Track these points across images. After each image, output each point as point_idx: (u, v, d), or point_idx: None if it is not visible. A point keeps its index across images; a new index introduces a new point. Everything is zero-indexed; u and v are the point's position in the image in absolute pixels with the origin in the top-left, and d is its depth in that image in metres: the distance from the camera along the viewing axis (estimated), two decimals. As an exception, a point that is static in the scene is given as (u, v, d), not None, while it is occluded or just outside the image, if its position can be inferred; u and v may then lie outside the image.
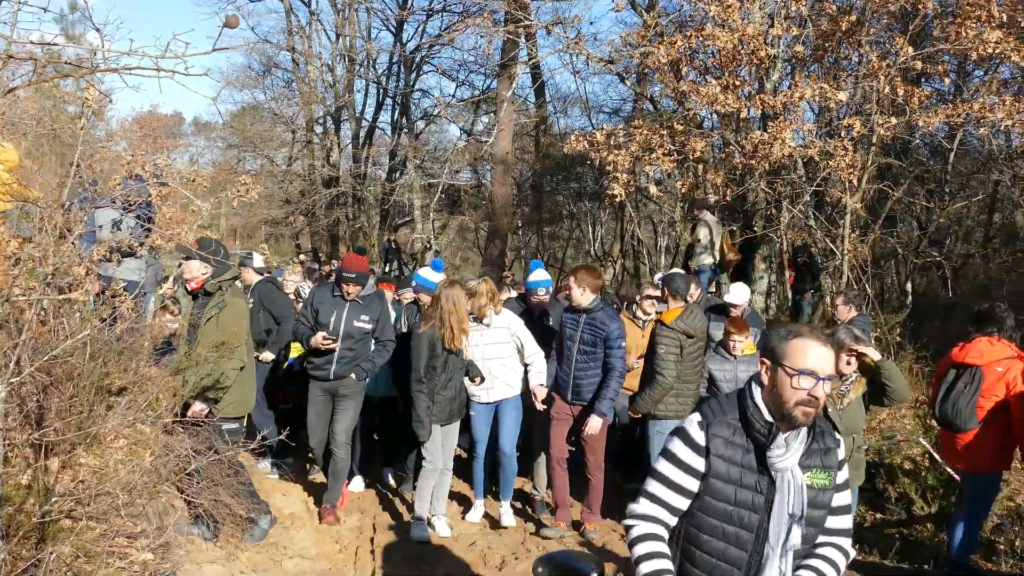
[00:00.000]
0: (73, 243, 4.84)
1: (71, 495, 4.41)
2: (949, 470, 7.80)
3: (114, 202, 7.26)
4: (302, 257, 25.92)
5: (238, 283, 7.11)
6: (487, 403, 7.74)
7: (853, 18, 11.58)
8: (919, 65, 11.37)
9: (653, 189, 13.85)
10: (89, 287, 5.39)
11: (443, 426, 7.35)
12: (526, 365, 7.82)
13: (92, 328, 4.89)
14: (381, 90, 30.36)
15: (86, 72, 3.96)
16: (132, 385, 5.62)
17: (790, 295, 13.56)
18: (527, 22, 15.30)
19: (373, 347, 7.93)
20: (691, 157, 12.43)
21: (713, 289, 12.97)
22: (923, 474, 8.37)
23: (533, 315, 8.51)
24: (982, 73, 14.55)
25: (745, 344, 7.58)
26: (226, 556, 6.17)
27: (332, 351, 7.60)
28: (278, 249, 33.05)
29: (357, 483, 8.85)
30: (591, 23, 38.13)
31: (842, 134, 11.51)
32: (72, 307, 5.60)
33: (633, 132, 12.58)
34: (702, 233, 13.14)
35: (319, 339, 7.55)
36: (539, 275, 8.76)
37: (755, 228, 13.37)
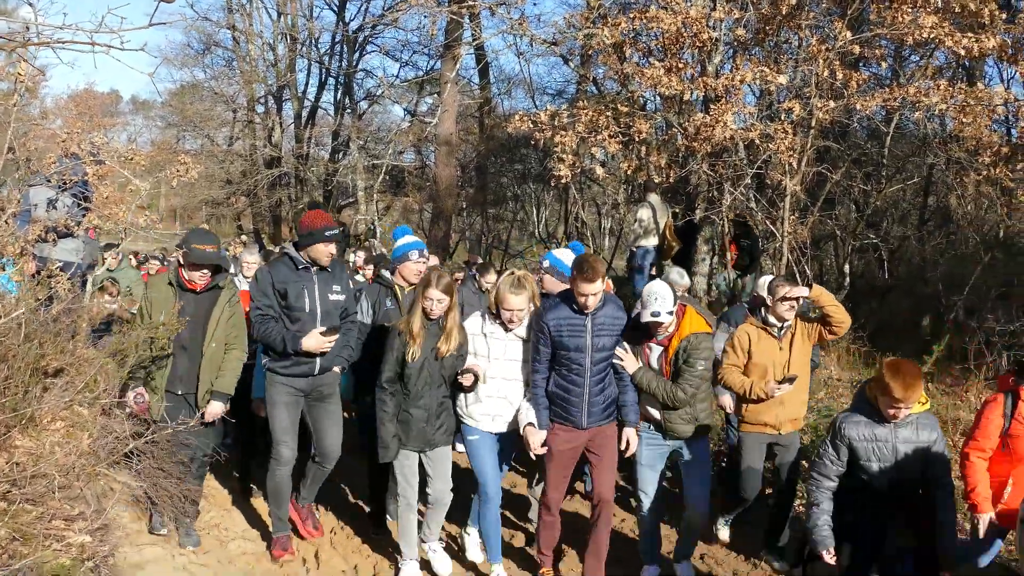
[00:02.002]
0: (7, 222, 4.75)
1: (6, 477, 4.34)
2: None
3: (49, 181, 7.11)
4: (243, 238, 25.64)
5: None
6: (490, 432, 6.12)
7: (793, 2, 11.71)
8: (857, 49, 11.55)
9: (599, 171, 13.92)
10: (24, 267, 5.29)
11: (422, 452, 6.05)
12: None
13: (29, 308, 4.80)
14: (324, 70, 30.08)
15: (17, 46, 3.87)
16: (69, 366, 5.53)
17: (732, 275, 13.73)
18: (471, 2, 15.25)
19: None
20: (636, 139, 12.50)
21: (653, 273, 13.06)
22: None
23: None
24: (918, 58, 14.83)
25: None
26: (165, 539, 6.12)
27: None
28: (219, 230, 32.64)
29: None
30: (535, 4, 38.22)
31: (782, 117, 11.67)
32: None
33: (578, 113, 12.61)
34: (644, 214, 13.23)
35: (319, 339, 6.18)
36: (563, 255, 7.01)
37: (697, 210, 13.50)
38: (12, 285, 5.70)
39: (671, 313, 5.78)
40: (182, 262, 6.08)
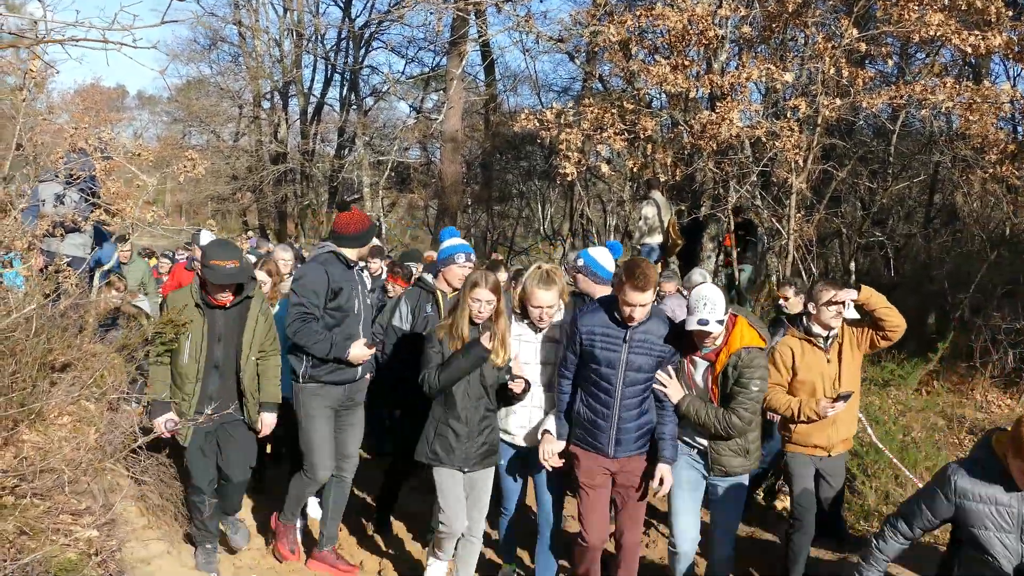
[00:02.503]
0: (15, 218, 4.77)
1: (14, 472, 4.36)
2: None
3: (57, 176, 7.13)
4: (249, 233, 25.67)
5: None
6: (521, 447, 5.65)
7: (799, 0, 11.69)
8: (863, 47, 11.53)
9: (605, 168, 13.92)
10: (32, 262, 5.31)
11: (466, 473, 5.43)
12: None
13: (37, 303, 4.81)
14: (329, 66, 30.14)
15: (31, 43, 3.89)
16: (76, 361, 5.55)
17: (736, 269, 13.72)
18: (477, -1, 15.23)
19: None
20: (641, 136, 12.50)
21: (659, 269, 13.05)
22: (864, 451, 8.43)
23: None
24: (924, 56, 14.79)
25: None
26: (169, 534, 6.13)
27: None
28: (225, 226, 32.69)
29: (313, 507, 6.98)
30: (541, 1, 38.10)
31: (788, 115, 11.66)
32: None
33: (584, 110, 12.61)
34: (649, 211, 13.22)
35: (364, 349, 5.81)
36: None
37: (702, 208, 13.49)
38: (20, 280, 5.71)
39: (721, 323, 5.01)
40: (203, 278, 5.44)
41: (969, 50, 11.02)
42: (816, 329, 5.96)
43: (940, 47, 13.13)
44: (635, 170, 14.17)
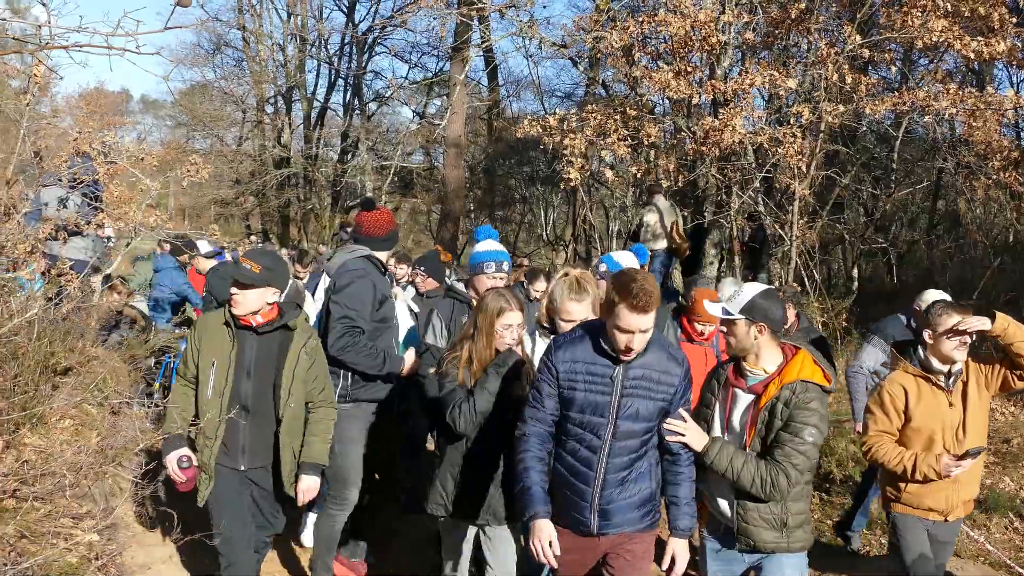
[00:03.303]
0: (18, 221, 4.77)
1: (15, 475, 4.36)
2: None
3: (61, 180, 7.14)
4: (252, 238, 25.69)
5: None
6: None
7: (803, 6, 11.70)
8: (866, 53, 11.55)
9: (609, 174, 13.93)
10: (36, 266, 5.31)
11: (481, 529, 4.49)
12: None
13: (39, 307, 4.82)
14: (333, 71, 30.15)
15: (36, 49, 3.89)
16: (78, 365, 5.56)
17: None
18: (480, 4, 15.25)
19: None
20: (645, 142, 12.50)
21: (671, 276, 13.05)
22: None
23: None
24: (927, 62, 14.80)
25: None
26: (173, 538, 6.12)
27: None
28: (227, 230, 32.70)
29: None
30: (544, 7, 38.09)
31: (791, 121, 11.66)
32: (17, 285, 5.51)
33: (587, 116, 12.62)
34: (651, 218, 13.20)
35: (415, 359, 5.36)
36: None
37: (706, 214, 13.49)
38: (39, 284, 5.70)
39: (729, 313, 4.02)
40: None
41: (972, 56, 11.03)
42: (935, 364, 4.78)
43: (943, 53, 13.15)
44: (638, 176, 14.17)
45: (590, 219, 21.05)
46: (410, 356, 5.30)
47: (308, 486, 4.74)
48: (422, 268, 7.56)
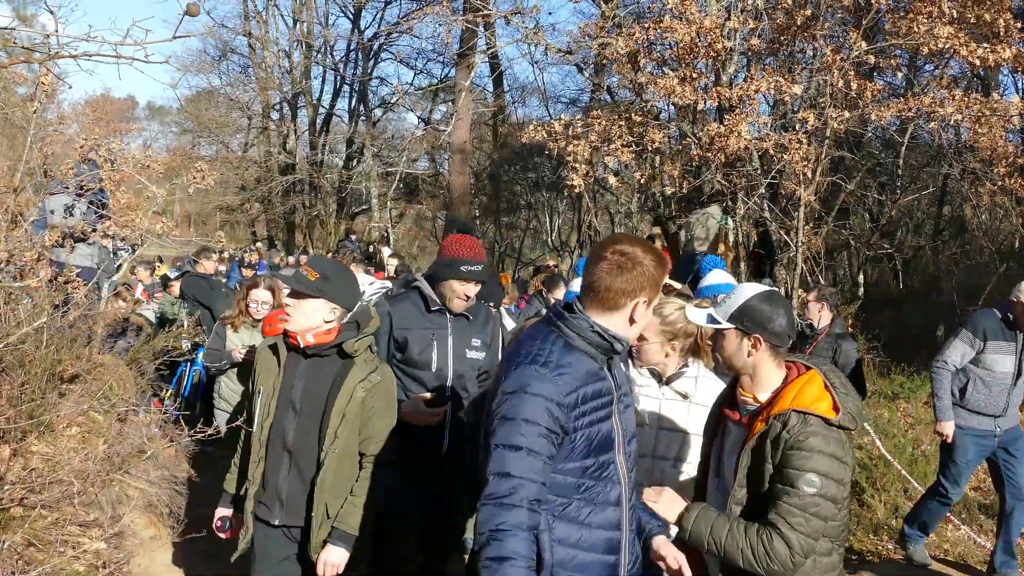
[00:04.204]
0: (26, 229, 4.78)
1: (23, 483, 4.36)
2: None
3: (67, 188, 7.16)
4: (258, 244, 25.74)
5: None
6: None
7: (808, 12, 11.69)
8: (872, 59, 11.53)
9: (613, 180, 13.93)
10: (43, 274, 5.32)
11: None
12: None
13: (48, 316, 4.82)
14: (338, 77, 30.21)
15: (46, 59, 3.91)
16: (85, 372, 5.57)
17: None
18: (486, 11, 15.27)
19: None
20: (649, 148, 12.49)
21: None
22: (873, 464, 8.47)
23: None
24: (933, 68, 14.80)
25: None
26: (180, 545, 6.13)
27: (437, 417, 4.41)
28: (233, 236, 32.79)
29: None
30: (550, 13, 38.35)
31: (796, 127, 11.64)
32: (24, 293, 5.52)
33: (592, 122, 12.62)
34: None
35: (420, 407, 4.40)
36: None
37: (703, 207, 13.47)
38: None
39: (716, 322, 3.22)
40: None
41: (978, 63, 11.01)
42: None
43: (949, 60, 13.13)
44: (643, 182, 14.17)
45: (595, 225, 21.06)
46: (410, 402, 4.38)
47: (331, 559, 3.78)
48: None
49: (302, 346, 3.82)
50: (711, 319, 3.25)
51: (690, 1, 11.61)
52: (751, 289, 3.28)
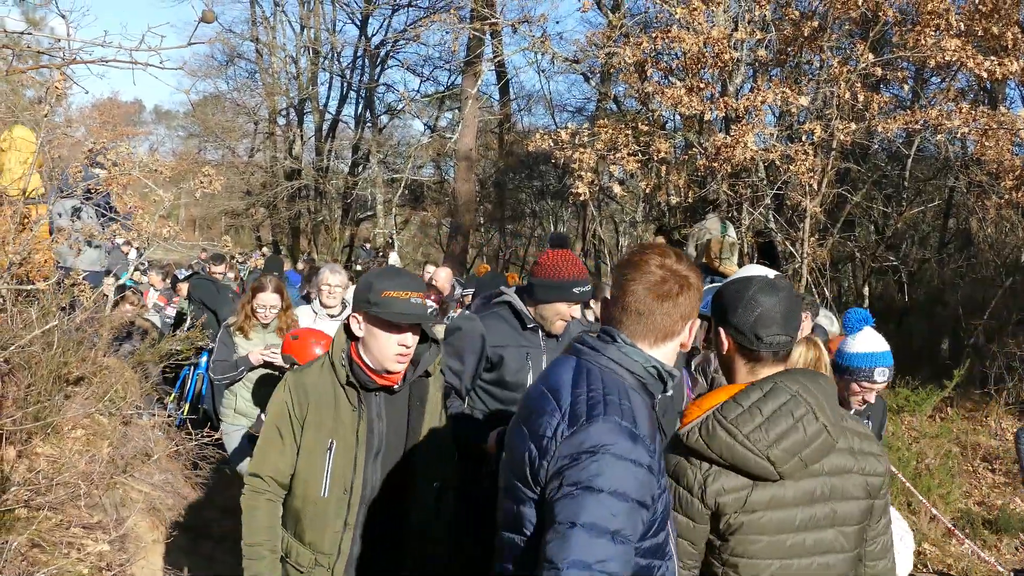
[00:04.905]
0: (33, 233, 4.80)
1: (28, 485, 4.37)
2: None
3: (74, 192, 7.18)
4: (264, 250, 25.78)
5: None
6: None
7: (815, 23, 11.71)
8: (879, 71, 11.53)
9: (618, 189, 13.93)
10: (51, 277, 5.34)
11: None
12: None
13: (56, 318, 4.84)
14: (345, 83, 30.29)
15: (62, 65, 3.93)
16: (91, 375, 5.58)
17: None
18: (493, 19, 15.32)
19: None
20: (655, 158, 12.50)
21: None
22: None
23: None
24: (939, 81, 14.80)
25: None
26: (183, 549, 6.14)
27: None
28: (238, 241, 32.83)
29: None
30: (557, 22, 38.41)
31: (803, 138, 11.65)
32: (31, 295, 5.54)
33: (598, 131, 12.63)
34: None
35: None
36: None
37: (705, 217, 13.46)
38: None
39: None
40: (358, 333, 3.22)
41: (985, 75, 11.01)
42: None
43: (956, 72, 13.14)
44: (648, 191, 14.18)
45: (600, 234, 21.07)
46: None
47: None
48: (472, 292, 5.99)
49: (396, 386, 3.22)
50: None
51: (697, 11, 11.62)
52: (745, 271, 2.92)
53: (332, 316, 6.35)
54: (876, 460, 2.56)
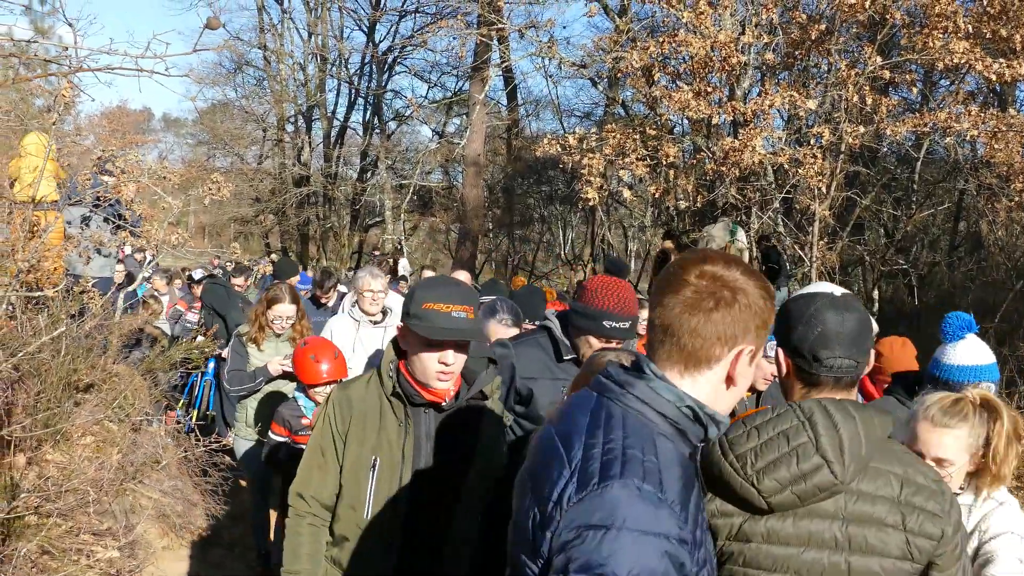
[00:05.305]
0: (43, 240, 4.81)
1: (38, 491, 4.37)
2: None
3: (83, 200, 7.20)
4: (273, 256, 25.82)
5: None
6: None
7: (823, 27, 11.69)
8: (887, 74, 11.51)
9: (627, 193, 13.94)
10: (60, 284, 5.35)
11: None
12: None
13: (65, 326, 4.85)
14: (353, 90, 30.37)
15: (69, 72, 3.94)
16: (100, 382, 5.58)
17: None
18: (500, 25, 15.34)
19: None
20: (664, 162, 12.49)
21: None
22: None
23: None
24: (948, 83, 14.76)
25: None
26: (193, 555, 6.14)
27: None
28: (247, 248, 32.90)
29: None
30: (564, 27, 38.42)
31: (811, 142, 11.62)
32: (40, 303, 5.55)
33: (606, 136, 12.63)
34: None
35: None
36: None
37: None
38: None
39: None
40: (403, 346, 2.99)
41: (994, 78, 10.98)
42: None
43: (965, 75, 13.10)
44: (657, 196, 14.17)
45: (608, 239, 21.05)
46: None
47: None
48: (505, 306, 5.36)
49: (447, 401, 2.96)
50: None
51: (705, 15, 11.62)
52: (814, 287, 2.45)
53: (375, 323, 6.18)
54: (932, 520, 2.14)
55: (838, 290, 2.34)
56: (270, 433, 4.85)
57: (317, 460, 3.00)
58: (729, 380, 1.78)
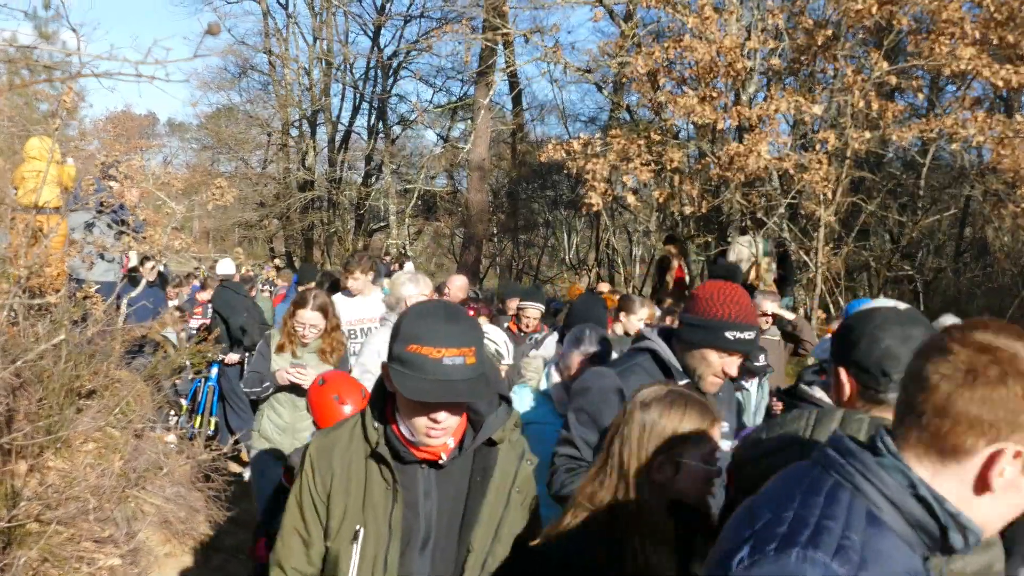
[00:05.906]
0: (46, 246, 4.79)
1: (39, 499, 4.35)
2: None
3: (87, 205, 7.19)
4: (277, 261, 25.81)
5: None
6: None
7: (829, 32, 11.67)
8: (893, 80, 11.48)
9: (631, 199, 13.90)
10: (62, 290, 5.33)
11: None
12: None
13: (67, 331, 4.82)
14: (358, 94, 30.35)
15: (68, 78, 3.93)
16: (102, 388, 5.56)
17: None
18: (505, 30, 15.33)
19: None
20: (668, 167, 12.46)
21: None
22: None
23: None
24: (955, 89, 14.72)
25: None
26: (195, 562, 6.11)
27: None
28: (252, 252, 32.90)
29: None
30: (569, 32, 38.45)
31: (817, 147, 11.59)
32: (42, 309, 5.53)
33: (611, 141, 12.61)
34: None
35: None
36: None
37: (729, 239, 13.41)
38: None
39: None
40: (389, 387, 2.33)
41: (1001, 84, 10.94)
42: None
43: (971, 81, 13.06)
44: (661, 201, 14.13)
45: (613, 243, 21.02)
46: None
47: None
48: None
49: (444, 458, 2.34)
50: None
51: (710, 20, 11.60)
52: (874, 304, 2.24)
53: None
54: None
55: (901, 305, 2.24)
56: (282, 480, 4.33)
57: (298, 526, 2.46)
58: (982, 484, 1.36)
